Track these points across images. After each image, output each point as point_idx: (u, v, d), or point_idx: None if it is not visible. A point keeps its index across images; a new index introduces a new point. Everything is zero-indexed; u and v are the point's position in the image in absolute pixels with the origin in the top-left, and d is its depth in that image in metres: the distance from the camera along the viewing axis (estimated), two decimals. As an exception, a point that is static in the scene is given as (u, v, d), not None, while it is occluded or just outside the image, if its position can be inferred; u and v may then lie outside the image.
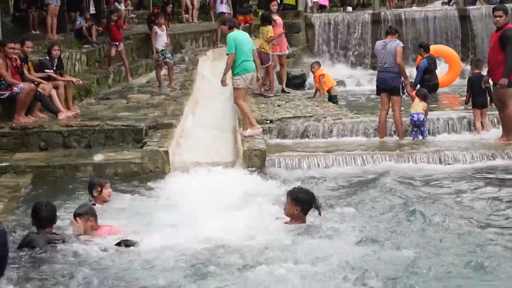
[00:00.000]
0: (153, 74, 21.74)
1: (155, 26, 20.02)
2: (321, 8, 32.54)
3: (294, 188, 9.13)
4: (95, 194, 10.29)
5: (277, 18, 18.52)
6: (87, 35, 21.45)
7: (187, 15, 31.70)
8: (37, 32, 22.06)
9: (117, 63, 21.39)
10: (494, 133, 14.37)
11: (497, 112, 14.21)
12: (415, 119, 14.42)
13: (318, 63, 19.13)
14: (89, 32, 21.57)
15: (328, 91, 18.20)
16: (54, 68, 15.98)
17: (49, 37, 20.23)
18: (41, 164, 12.87)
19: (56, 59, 16.12)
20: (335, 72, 23.55)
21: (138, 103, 17.66)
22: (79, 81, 16.43)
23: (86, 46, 21.05)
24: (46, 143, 14.06)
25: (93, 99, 17.94)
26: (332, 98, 18.04)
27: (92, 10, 24.49)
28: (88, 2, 23.48)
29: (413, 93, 14.95)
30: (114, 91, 19.51)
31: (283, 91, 18.60)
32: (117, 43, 20.56)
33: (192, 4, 32.15)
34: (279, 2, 23.82)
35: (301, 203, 8.84)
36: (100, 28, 21.44)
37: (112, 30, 20.62)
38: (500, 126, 14.10)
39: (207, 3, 34.26)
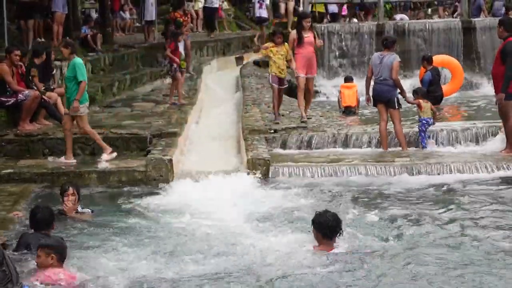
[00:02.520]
0: (157, 82, 21.85)
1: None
2: (333, 16, 32.67)
3: (319, 212, 8.56)
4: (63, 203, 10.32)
5: (308, 35, 15.81)
6: (92, 44, 21.51)
7: (191, 25, 31.78)
8: (43, 40, 22.11)
9: (122, 71, 21.46)
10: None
11: None
12: (430, 123, 14.53)
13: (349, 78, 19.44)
14: (94, 40, 21.64)
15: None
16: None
17: (54, 44, 20.28)
18: (45, 171, 12.90)
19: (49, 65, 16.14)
20: (338, 82, 23.58)
21: (142, 111, 17.70)
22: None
23: (91, 54, 21.11)
24: (51, 150, 14.09)
25: (97, 107, 17.98)
26: (346, 111, 18.08)
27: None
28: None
29: (417, 101, 14.96)
30: (119, 99, 19.55)
31: (302, 122, 15.73)
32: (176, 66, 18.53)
33: (197, 14, 32.27)
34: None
35: (321, 228, 8.39)
36: (169, 48, 19.09)
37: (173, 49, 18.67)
38: None
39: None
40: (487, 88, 22.90)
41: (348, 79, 19.49)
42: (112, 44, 23.53)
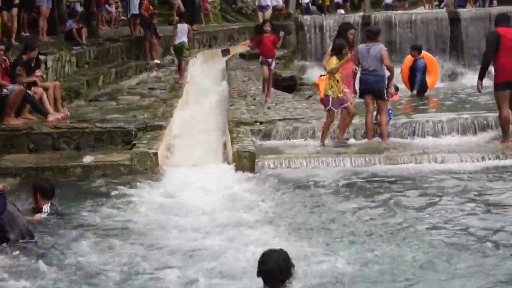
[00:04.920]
0: (143, 75, 21.90)
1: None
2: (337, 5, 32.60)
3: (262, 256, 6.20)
4: None
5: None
6: (77, 37, 21.43)
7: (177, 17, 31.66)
8: (27, 34, 22.00)
9: (107, 65, 21.40)
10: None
11: None
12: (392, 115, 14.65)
13: None
14: (79, 34, 21.55)
15: None
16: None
17: (40, 39, 20.19)
18: (29, 165, 12.86)
19: (34, 59, 15.99)
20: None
21: (128, 105, 17.67)
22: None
23: (76, 48, 21.03)
24: (35, 145, 14.05)
25: (82, 101, 17.92)
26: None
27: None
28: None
29: (394, 92, 15.00)
30: (104, 93, 19.50)
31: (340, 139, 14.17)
32: (270, 60, 17.42)
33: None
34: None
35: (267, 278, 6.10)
36: (250, 42, 18.66)
37: (265, 45, 17.31)
38: None
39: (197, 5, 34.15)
40: (471, 78, 22.96)
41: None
42: (97, 37, 23.45)
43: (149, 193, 11.49)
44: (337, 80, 13.73)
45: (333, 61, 13.70)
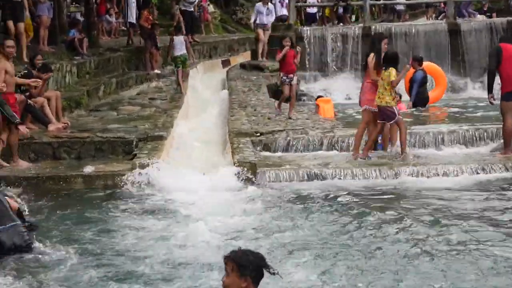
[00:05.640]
0: (143, 86, 21.96)
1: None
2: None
3: (235, 251, 5.39)
4: None
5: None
6: (78, 47, 21.46)
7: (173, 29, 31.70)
8: (28, 44, 22.01)
9: (108, 75, 21.43)
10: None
11: None
12: None
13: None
14: (80, 44, 21.58)
15: None
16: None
17: (40, 48, 20.18)
18: (30, 175, 12.84)
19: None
20: (324, 85, 23.63)
21: (128, 115, 17.67)
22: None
23: (76, 58, 21.05)
24: (36, 154, 14.04)
25: (83, 111, 17.93)
26: None
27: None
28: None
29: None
30: (105, 103, 19.50)
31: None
32: (291, 75, 16.87)
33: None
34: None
35: (250, 272, 5.28)
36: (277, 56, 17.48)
37: (287, 61, 16.77)
38: None
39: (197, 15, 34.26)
40: (472, 90, 23.05)
41: (321, 96, 19.40)
42: (98, 47, 23.47)
43: (147, 203, 11.52)
44: (395, 92, 13.58)
45: (393, 73, 13.42)
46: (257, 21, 24.79)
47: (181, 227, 10.14)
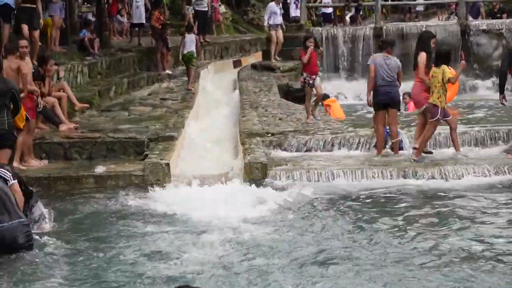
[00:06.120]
0: (154, 86, 22.04)
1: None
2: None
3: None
4: None
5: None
6: (89, 47, 21.50)
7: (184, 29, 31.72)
8: (40, 44, 22.05)
9: (119, 75, 21.47)
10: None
11: None
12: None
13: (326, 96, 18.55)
14: (91, 44, 21.62)
15: None
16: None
17: (52, 49, 20.23)
18: (42, 175, 12.88)
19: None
20: (336, 86, 23.59)
21: (139, 115, 17.70)
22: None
23: (88, 58, 21.09)
24: (48, 155, 14.07)
25: (94, 111, 17.96)
26: None
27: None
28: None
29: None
30: (116, 103, 19.53)
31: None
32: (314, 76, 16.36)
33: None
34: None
35: None
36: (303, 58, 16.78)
37: (312, 62, 16.29)
38: None
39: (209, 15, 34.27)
40: (483, 91, 22.98)
41: (325, 97, 19.31)
42: (109, 48, 23.52)
43: (158, 204, 11.51)
44: (446, 91, 13.25)
45: (448, 70, 13.17)
46: (271, 22, 24.67)
47: (193, 235, 10.06)
